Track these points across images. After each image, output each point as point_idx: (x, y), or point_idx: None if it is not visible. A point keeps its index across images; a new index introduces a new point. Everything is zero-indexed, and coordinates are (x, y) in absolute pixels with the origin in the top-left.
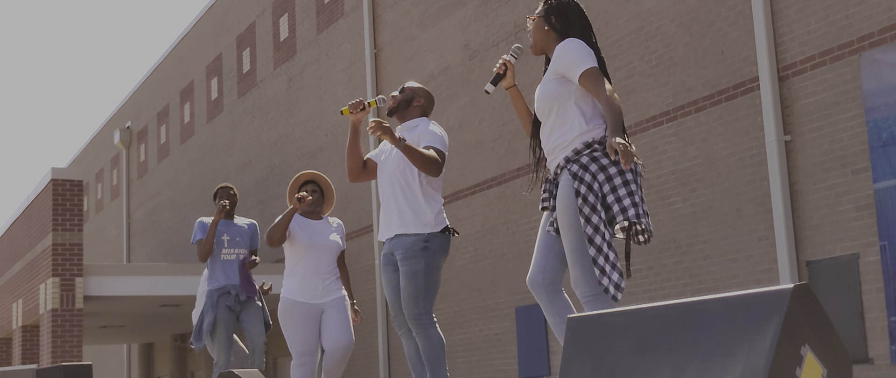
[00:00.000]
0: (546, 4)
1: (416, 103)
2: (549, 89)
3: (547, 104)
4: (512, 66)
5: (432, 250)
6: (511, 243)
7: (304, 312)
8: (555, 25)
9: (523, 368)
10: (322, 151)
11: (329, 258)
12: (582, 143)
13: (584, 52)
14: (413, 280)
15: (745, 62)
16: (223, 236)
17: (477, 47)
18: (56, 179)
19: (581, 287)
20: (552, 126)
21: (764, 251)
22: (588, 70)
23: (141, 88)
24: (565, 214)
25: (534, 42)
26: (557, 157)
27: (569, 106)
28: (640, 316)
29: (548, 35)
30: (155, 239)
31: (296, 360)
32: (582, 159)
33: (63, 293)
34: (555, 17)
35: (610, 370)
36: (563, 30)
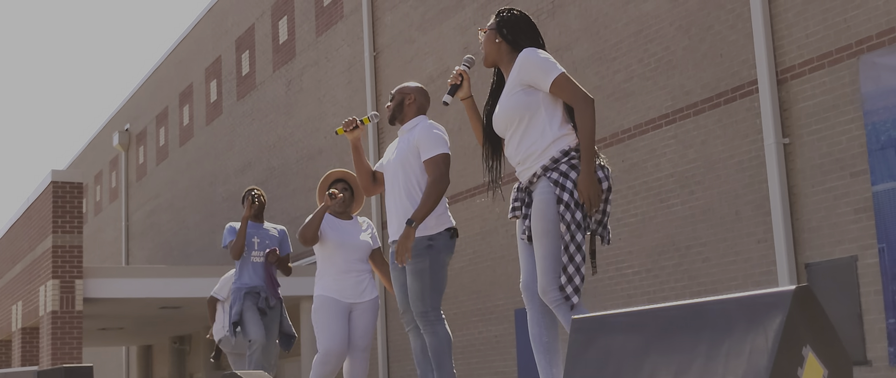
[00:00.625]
0: (498, 17)
1: (408, 101)
2: (516, 101)
3: (516, 115)
4: (467, 76)
5: (437, 249)
6: (510, 245)
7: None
8: (506, 37)
9: (522, 370)
10: (321, 154)
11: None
12: (559, 151)
13: (549, 61)
14: (419, 278)
15: (743, 65)
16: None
17: (476, 50)
18: (56, 181)
19: (548, 295)
20: (522, 136)
21: (763, 253)
22: (558, 78)
23: (140, 91)
24: (542, 220)
25: (485, 54)
26: (532, 166)
27: (539, 115)
28: (644, 317)
29: (499, 47)
30: (154, 241)
31: (319, 356)
32: (561, 167)
33: (63, 295)
34: (506, 29)
35: (614, 370)
36: (515, 41)
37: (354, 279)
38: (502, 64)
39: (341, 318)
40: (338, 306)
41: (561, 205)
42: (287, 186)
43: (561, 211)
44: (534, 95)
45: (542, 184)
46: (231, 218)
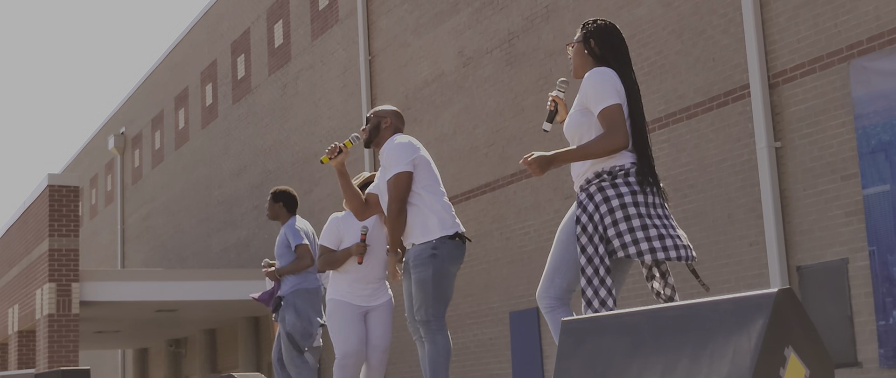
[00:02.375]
0: (584, 29)
1: (385, 125)
2: (574, 121)
3: (572, 133)
4: (562, 101)
5: (440, 257)
6: (505, 249)
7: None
8: (594, 50)
9: (517, 373)
10: (317, 157)
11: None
12: (593, 172)
13: (608, 87)
14: (421, 288)
15: (736, 70)
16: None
17: (471, 54)
18: (52, 185)
19: (542, 300)
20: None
21: (755, 256)
22: (605, 109)
23: (135, 94)
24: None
25: (574, 67)
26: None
27: (589, 137)
28: (632, 318)
29: (587, 59)
30: (149, 244)
31: (338, 360)
32: (590, 188)
33: (59, 298)
34: (593, 41)
35: (602, 370)
36: (602, 54)
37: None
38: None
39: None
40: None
41: (578, 226)
42: None
43: (577, 232)
44: (588, 117)
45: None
46: (228, 221)
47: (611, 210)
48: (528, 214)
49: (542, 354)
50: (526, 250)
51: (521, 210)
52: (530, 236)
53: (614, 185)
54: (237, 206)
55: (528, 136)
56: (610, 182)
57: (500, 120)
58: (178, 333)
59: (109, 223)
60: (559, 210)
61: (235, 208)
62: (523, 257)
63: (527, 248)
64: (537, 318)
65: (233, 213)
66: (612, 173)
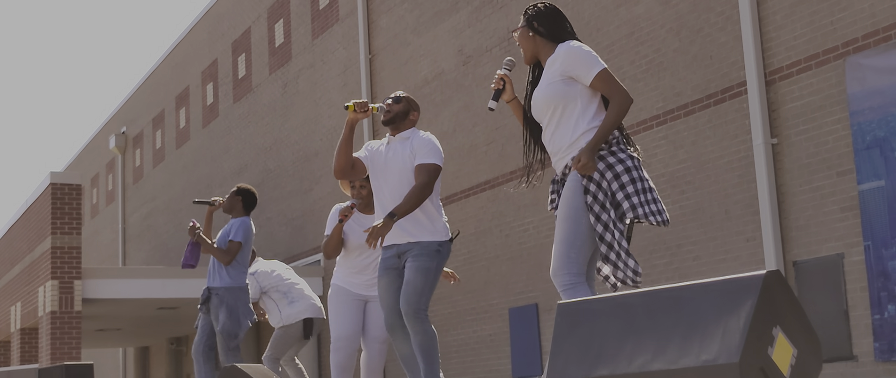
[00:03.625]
0: (526, 15)
1: (412, 117)
2: (554, 90)
3: (550, 105)
4: (509, 79)
5: (443, 255)
6: (504, 245)
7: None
8: (539, 30)
9: (516, 369)
10: (317, 156)
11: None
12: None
13: (592, 55)
14: (424, 275)
15: (733, 67)
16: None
17: (470, 53)
18: (55, 183)
19: (559, 277)
20: (556, 126)
21: (751, 252)
22: (601, 72)
23: (136, 94)
24: (565, 206)
25: (524, 51)
26: (564, 157)
27: (574, 107)
28: (626, 301)
29: (534, 40)
30: (150, 243)
31: (332, 343)
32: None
33: (62, 296)
34: (537, 23)
35: (597, 351)
36: (550, 32)
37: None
38: (541, 56)
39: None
40: (350, 296)
41: (588, 195)
42: (283, 188)
43: (589, 202)
44: (572, 87)
45: (571, 173)
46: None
47: (616, 175)
48: (528, 211)
49: (541, 350)
50: (525, 247)
51: (521, 207)
52: (529, 233)
53: (612, 152)
54: None
55: None
56: (607, 150)
57: (499, 118)
58: (179, 331)
59: (110, 222)
60: None
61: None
62: (523, 254)
63: (526, 245)
64: (536, 314)
65: None
66: (607, 142)
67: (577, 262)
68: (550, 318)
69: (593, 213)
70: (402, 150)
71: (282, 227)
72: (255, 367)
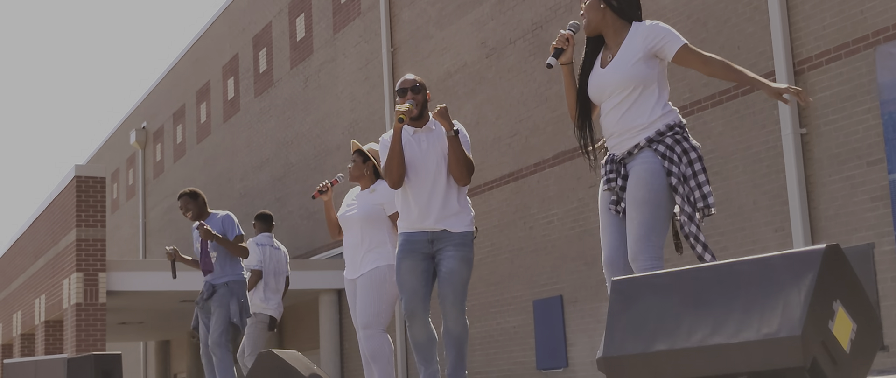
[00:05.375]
0: None
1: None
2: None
3: (629, 85)
4: (573, 41)
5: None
6: (528, 238)
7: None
8: (612, 4)
9: (541, 360)
10: (339, 149)
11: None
12: (665, 124)
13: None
14: (467, 266)
15: (761, 57)
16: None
17: (494, 45)
18: (79, 176)
19: (639, 261)
20: (629, 107)
21: (780, 242)
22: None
23: (157, 89)
24: (646, 189)
25: (588, 21)
26: (634, 137)
27: (651, 88)
28: (682, 276)
29: (604, 13)
30: (171, 237)
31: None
32: (666, 140)
33: (86, 288)
34: None
35: (654, 326)
36: (622, 9)
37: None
38: (606, 31)
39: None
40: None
41: (672, 177)
42: (304, 182)
43: (674, 183)
44: (653, 68)
45: (645, 155)
46: (250, 213)
47: (690, 162)
48: (552, 203)
49: (565, 342)
50: (549, 239)
51: (545, 199)
52: (554, 225)
53: (686, 138)
54: (259, 198)
55: (552, 126)
56: (682, 135)
57: (524, 110)
58: None
59: (131, 217)
60: (583, 199)
61: (258, 201)
62: (547, 246)
63: (550, 237)
64: (561, 306)
65: (255, 205)
66: (681, 126)
67: (656, 245)
68: (575, 309)
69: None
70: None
71: (303, 221)
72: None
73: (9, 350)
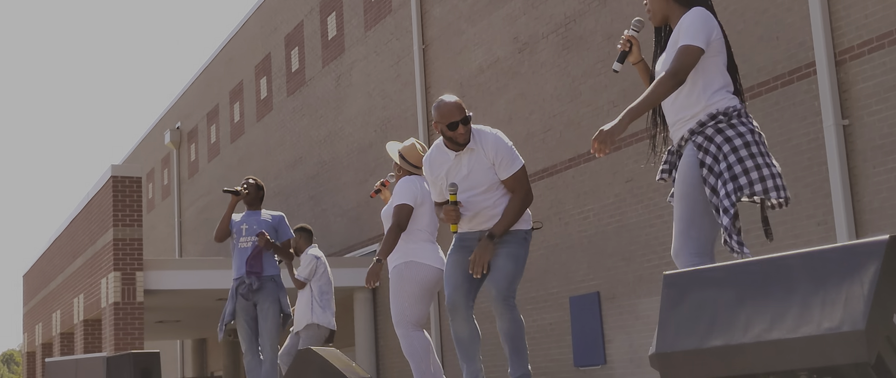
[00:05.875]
0: None
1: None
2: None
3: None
4: (636, 40)
5: (528, 243)
6: (563, 234)
7: None
8: None
9: (578, 358)
10: (372, 147)
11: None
12: (707, 114)
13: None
14: (514, 261)
15: (801, 48)
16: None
17: (526, 40)
18: (116, 176)
19: (680, 257)
20: (676, 96)
21: (823, 236)
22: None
23: (190, 90)
24: (682, 183)
25: (653, 12)
26: (682, 128)
27: (697, 78)
28: (738, 269)
29: (667, 2)
30: (206, 236)
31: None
32: (707, 130)
33: (124, 287)
34: None
35: (709, 321)
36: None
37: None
38: (672, 19)
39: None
40: None
41: (704, 168)
42: (338, 180)
43: (704, 174)
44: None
45: (687, 148)
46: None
47: (734, 148)
48: (588, 199)
49: (603, 338)
50: (585, 235)
51: (580, 195)
52: (589, 221)
53: (731, 125)
54: (293, 196)
55: (587, 120)
56: (727, 123)
57: (557, 105)
58: None
59: (166, 216)
60: (619, 194)
61: (292, 199)
62: (583, 242)
63: (586, 233)
64: (598, 302)
65: (289, 203)
66: (727, 114)
67: (697, 240)
68: (612, 306)
69: (709, 185)
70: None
71: (337, 218)
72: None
73: (49, 349)
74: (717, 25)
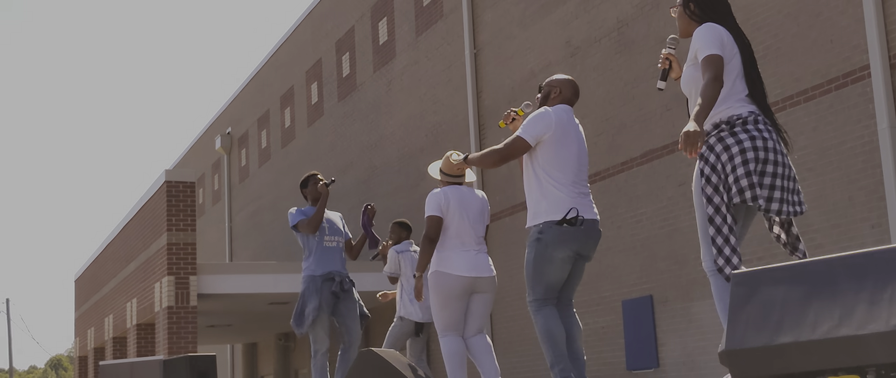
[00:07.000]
0: None
1: (554, 94)
2: (688, 74)
3: (689, 87)
4: (674, 57)
5: (544, 242)
6: (616, 237)
7: None
8: (694, 12)
9: (631, 361)
10: (422, 152)
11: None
12: (711, 123)
13: (712, 39)
14: (525, 269)
15: (855, 51)
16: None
17: (579, 44)
18: (169, 181)
19: (705, 263)
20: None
21: (878, 238)
22: (705, 58)
23: (241, 95)
24: (694, 194)
25: (680, 29)
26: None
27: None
28: (806, 268)
29: (689, 22)
30: (257, 241)
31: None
32: (710, 140)
33: (178, 291)
34: (693, 4)
35: (778, 319)
36: (702, 16)
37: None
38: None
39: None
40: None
41: (703, 178)
42: (389, 185)
43: (702, 184)
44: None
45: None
46: None
47: (731, 157)
48: (641, 202)
49: (656, 342)
50: (638, 238)
51: (634, 198)
52: (642, 224)
53: (733, 133)
54: (344, 201)
55: (639, 124)
56: (728, 131)
57: (610, 108)
58: (288, 327)
59: (217, 221)
60: (672, 197)
61: (343, 203)
62: (636, 245)
63: (639, 236)
64: (651, 305)
65: (340, 208)
66: (730, 122)
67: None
68: (665, 309)
69: (706, 195)
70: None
71: (388, 222)
72: (391, 352)
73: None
74: (725, 35)
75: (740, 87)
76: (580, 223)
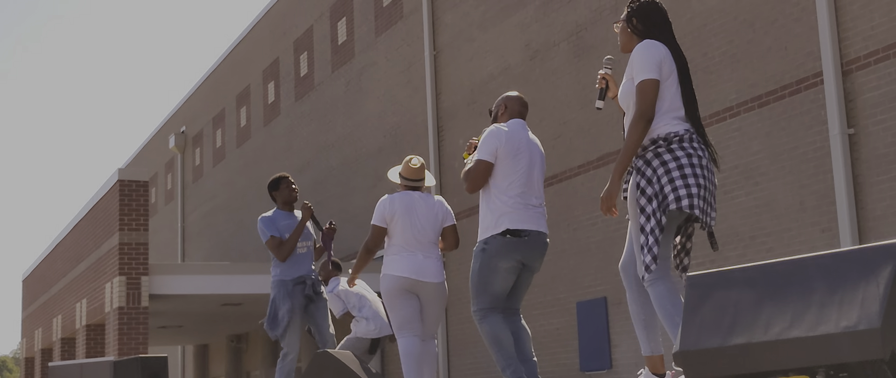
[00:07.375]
0: (628, 8)
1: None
2: (625, 89)
3: (626, 102)
4: (611, 77)
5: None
6: (571, 240)
7: None
8: (636, 27)
9: (584, 362)
10: (381, 153)
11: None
12: (649, 139)
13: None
14: (470, 281)
15: (808, 58)
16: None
17: (538, 47)
18: (122, 180)
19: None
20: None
21: (827, 243)
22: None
23: (196, 93)
24: (629, 206)
25: (621, 44)
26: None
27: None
28: (758, 271)
29: (631, 37)
30: (210, 241)
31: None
32: (647, 155)
33: (129, 291)
34: (636, 19)
35: (731, 320)
36: (644, 31)
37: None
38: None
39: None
40: None
41: (638, 191)
42: (346, 185)
43: (637, 196)
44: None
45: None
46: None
47: (668, 171)
48: (597, 205)
49: (609, 343)
50: (593, 240)
51: (590, 201)
52: (598, 227)
53: (670, 149)
54: (298, 202)
55: (596, 128)
56: (665, 148)
57: (567, 112)
58: (240, 329)
59: (169, 221)
60: None
61: (296, 204)
62: (591, 247)
63: (594, 239)
64: (605, 307)
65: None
66: (667, 139)
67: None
68: (619, 311)
69: (639, 205)
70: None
71: (346, 224)
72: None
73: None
74: (664, 54)
75: (677, 105)
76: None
